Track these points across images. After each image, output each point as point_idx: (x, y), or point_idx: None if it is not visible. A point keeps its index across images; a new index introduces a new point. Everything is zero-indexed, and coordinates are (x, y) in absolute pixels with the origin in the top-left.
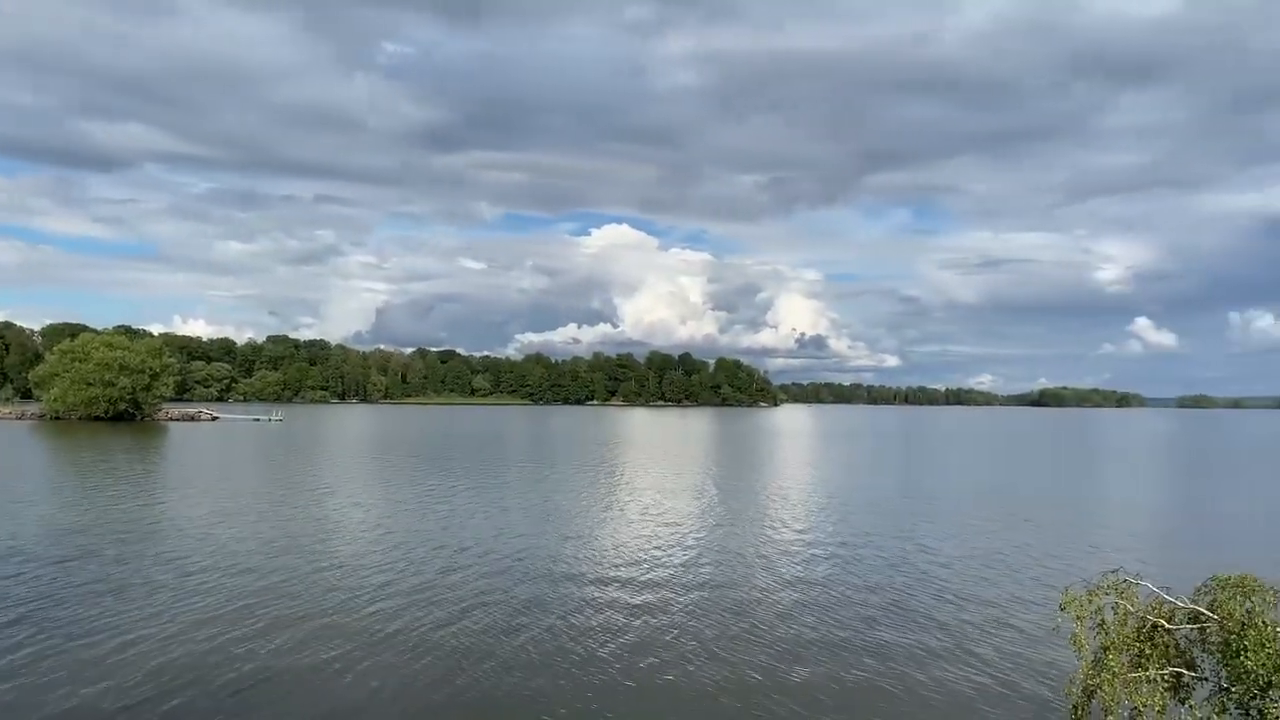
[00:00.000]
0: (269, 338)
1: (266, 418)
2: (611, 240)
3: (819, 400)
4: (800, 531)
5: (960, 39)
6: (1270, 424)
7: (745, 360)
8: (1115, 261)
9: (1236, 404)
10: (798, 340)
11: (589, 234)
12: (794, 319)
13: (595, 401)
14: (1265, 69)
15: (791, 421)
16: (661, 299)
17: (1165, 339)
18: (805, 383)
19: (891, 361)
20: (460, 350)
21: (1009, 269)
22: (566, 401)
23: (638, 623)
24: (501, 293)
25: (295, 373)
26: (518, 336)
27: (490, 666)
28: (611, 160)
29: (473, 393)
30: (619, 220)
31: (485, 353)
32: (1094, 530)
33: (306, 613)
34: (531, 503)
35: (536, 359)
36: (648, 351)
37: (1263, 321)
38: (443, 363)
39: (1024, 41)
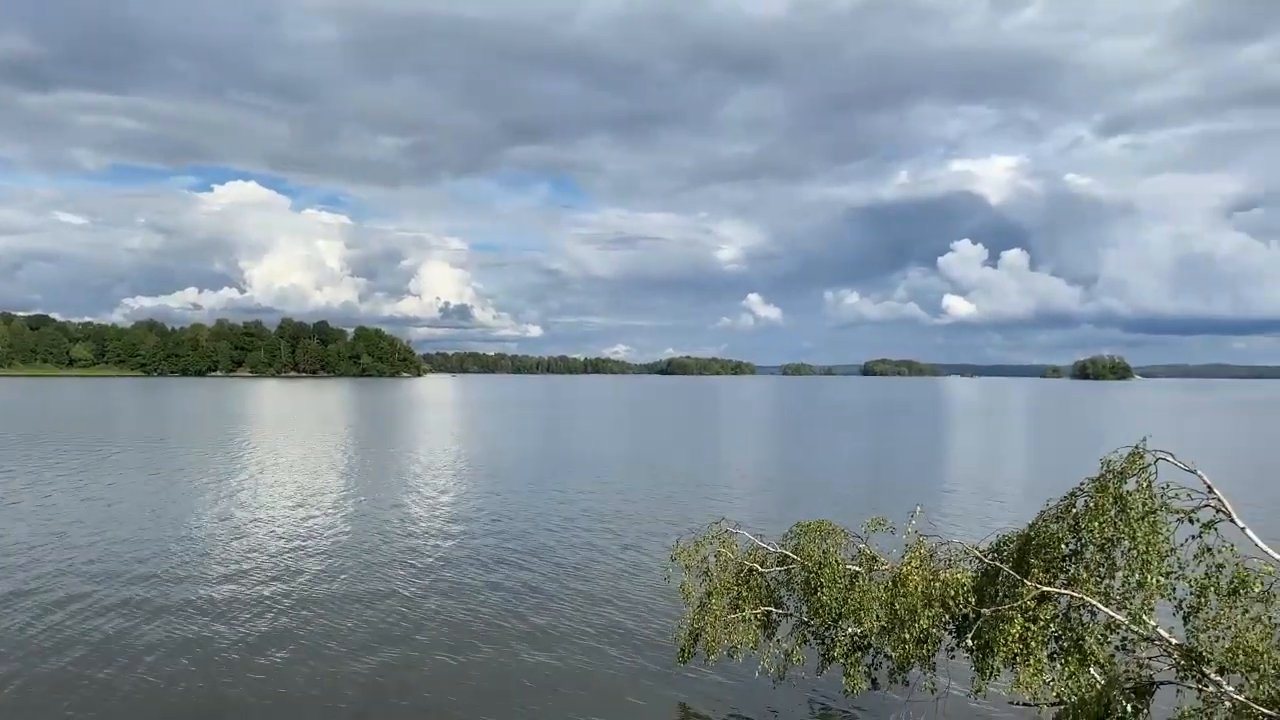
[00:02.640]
0: None
1: None
2: (237, 198)
3: (464, 370)
4: (437, 506)
5: (595, 20)
6: (854, 389)
7: (387, 329)
8: (732, 242)
9: (829, 371)
10: (442, 310)
11: (211, 190)
12: (438, 288)
13: (219, 373)
14: (856, 76)
15: (436, 392)
16: (295, 263)
17: (772, 313)
18: (450, 352)
19: (535, 332)
20: (56, 316)
21: (642, 246)
22: (185, 373)
23: (264, 619)
24: (107, 252)
25: None
26: (127, 301)
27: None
28: (238, 111)
29: (71, 364)
30: (245, 177)
31: (87, 319)
32: (709, 486)
33: None
34: (127, 494)
35: (149, 326)
36: (279, 319)
37: (851, 299)
38: (33, 329)
39: (653, 29)
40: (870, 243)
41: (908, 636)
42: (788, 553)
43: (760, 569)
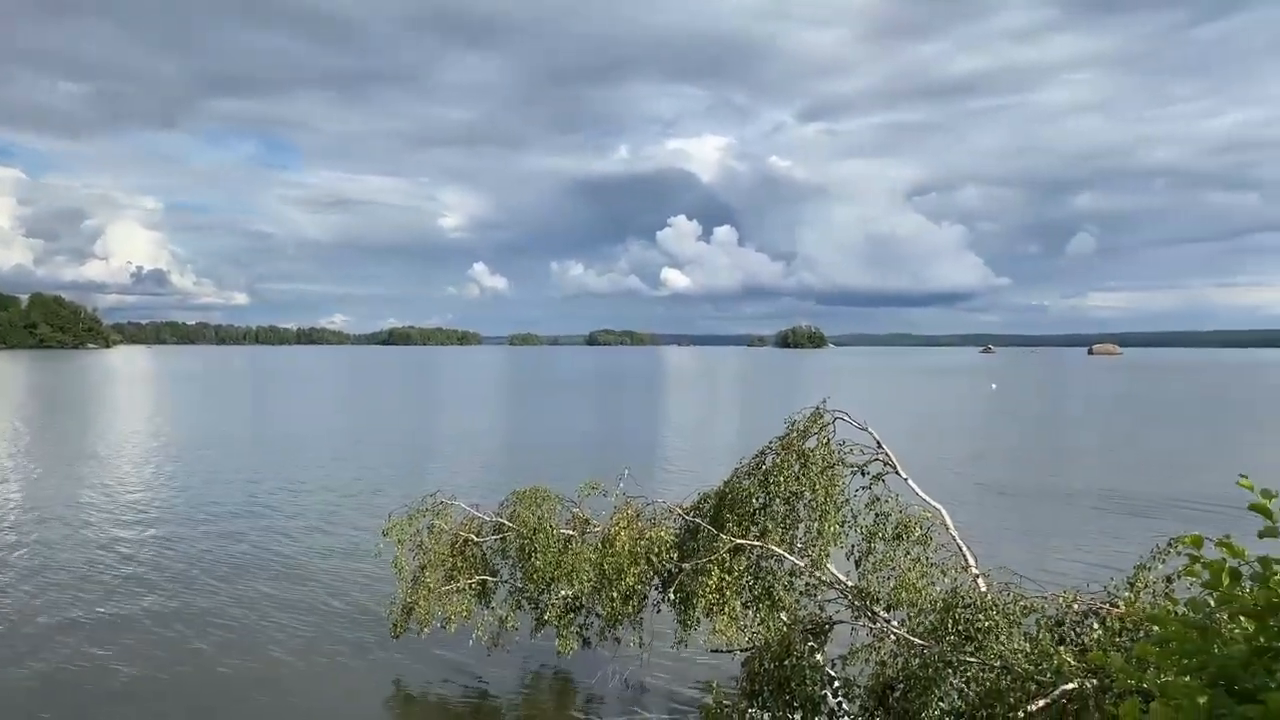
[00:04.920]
0: None
1: None
2: None
3: (160, 341)
4: (121, 498)
5: None
6: (578, 358)
7: (69, 296)
8: (456, 210)
9: (555, 341)
10: (134, 275)
11: None
12: (129, 251)
13: None
14: (577, 49)
15: (126, 366)
16: None
17: (498, 283)
18: (144, 322)
19: (241, 299)
20: None
21: (360, 210)
22: None
23: None
24: None
25: None
26: None
27: None
28: None
29: None
30: None
31: None
32: (427, 459)
33: None
34: None
35: None
36: None
37: (575, 270)
38: None
39: None
40: (593, 215)
41: (615, 594)
42: (504, 521)
43: (476, 539)
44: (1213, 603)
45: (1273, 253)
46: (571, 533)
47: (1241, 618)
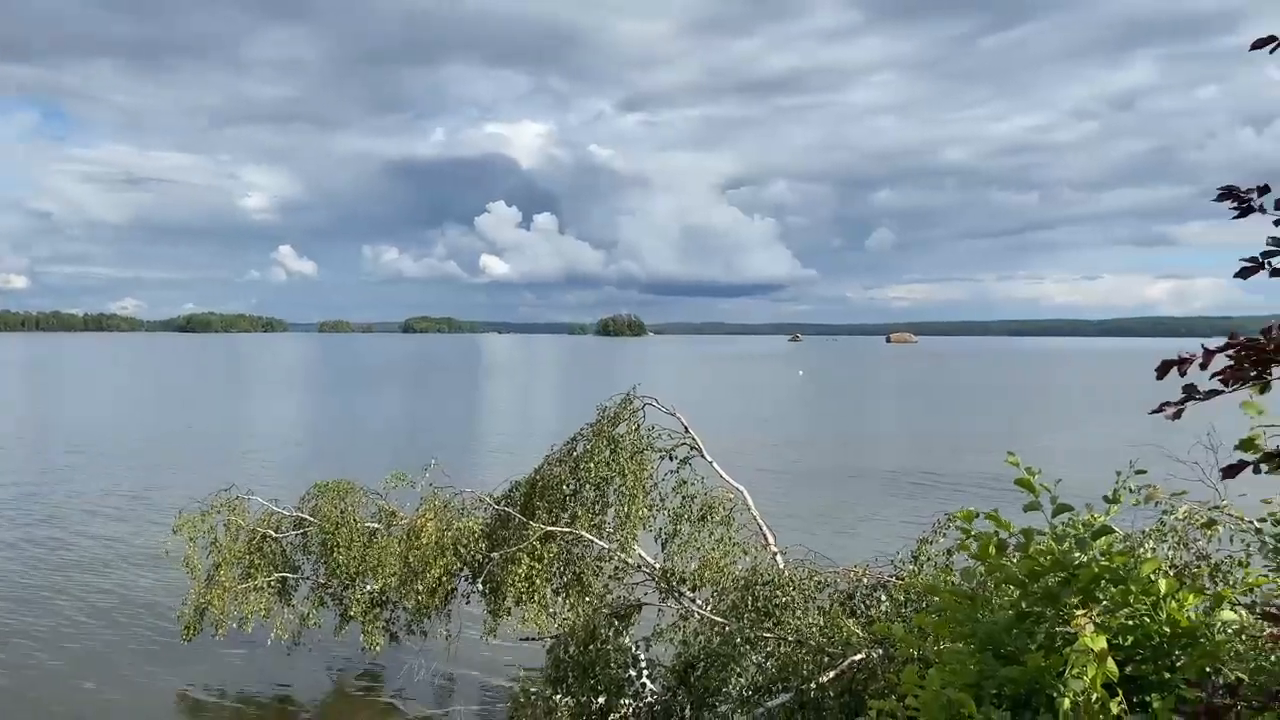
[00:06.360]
0: None
1: None
2: None
3: None
4: None
5: None
6: (395, 346)
7: None
8: (262, 190)
9: (369, 329)
10: None
11: None
12: None
13: None
14: (393, 29)
15: None
16: None
17: (307, 267)
18: None
19: (19, 283)
20: None
21: (156, 189)
22: None
23: None
24: None
25: None
26: None
27: None
28: None
29: None
30: None
31: None
32: (224, 454)
33: None
34: None
35: None
36: None
37: (390, 255)
38: None
39: None
40: (409, 199)
41: (421, 587)
42: (305, 515)
43: (275, 534)
44: (982, 572)
45: (1049, 249)
46: (377, 526)
47: (1007, 585)
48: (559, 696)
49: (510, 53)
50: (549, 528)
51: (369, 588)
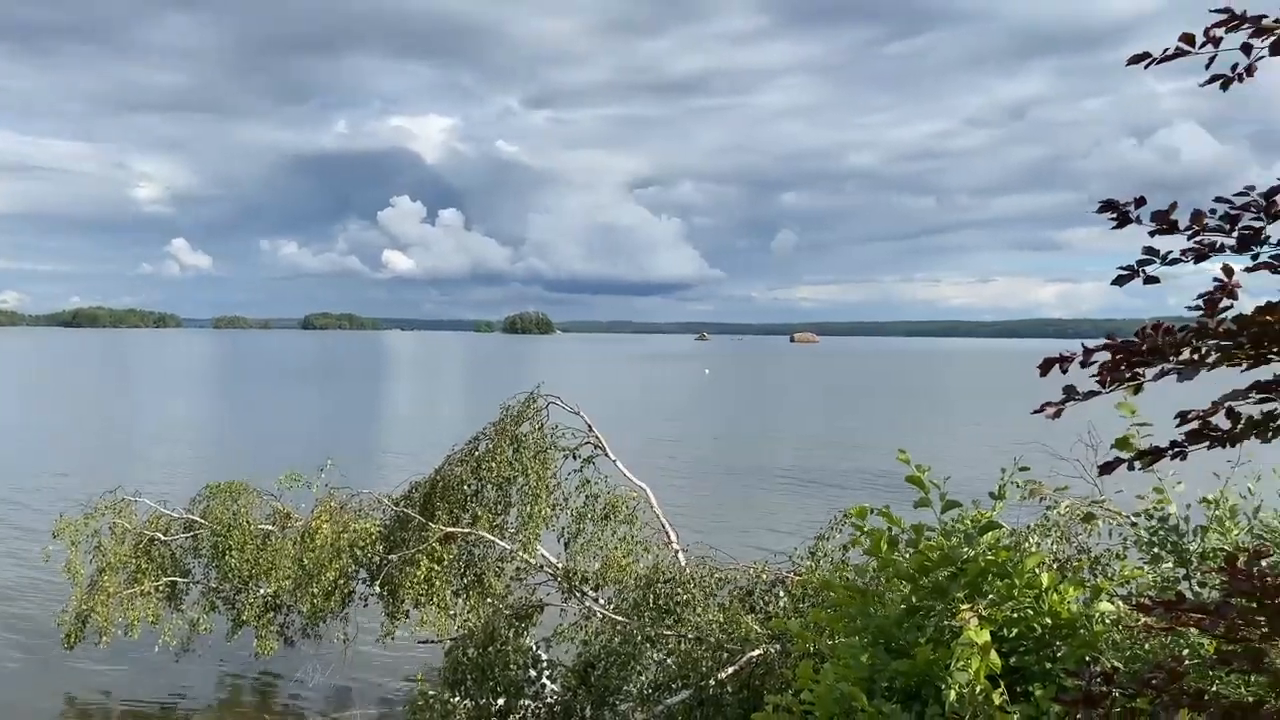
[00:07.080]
0: None
1: None
2: None
3: None
4: None
5: None
6: (294, 343)
7: None
8: (155, 180)
9: (266, 325)
10: None
11: None
12: None
13: None
14: (295, 17)
15: None
16: None
17: (202, 261)
18: None
19: None
20: None
21: (40, 177)
22: None
23: None
24: None
25: None
26: None
27: None
28: None
29: None
30: None
31: None
32: (115, 454)
33: None
34: None
35: None
36: None
37: (289, 249)
38: None
39: None
40: (310, 192)
41: (316, 590)
42: (195, 518)
43: (164, 537)
44: (874, 568)
45: (946, 252)
46: (271, 528)
47: (898, 580)
48: (457, 699)
49: (418, 45)
50: (449, 529)
51: (263, 591)
